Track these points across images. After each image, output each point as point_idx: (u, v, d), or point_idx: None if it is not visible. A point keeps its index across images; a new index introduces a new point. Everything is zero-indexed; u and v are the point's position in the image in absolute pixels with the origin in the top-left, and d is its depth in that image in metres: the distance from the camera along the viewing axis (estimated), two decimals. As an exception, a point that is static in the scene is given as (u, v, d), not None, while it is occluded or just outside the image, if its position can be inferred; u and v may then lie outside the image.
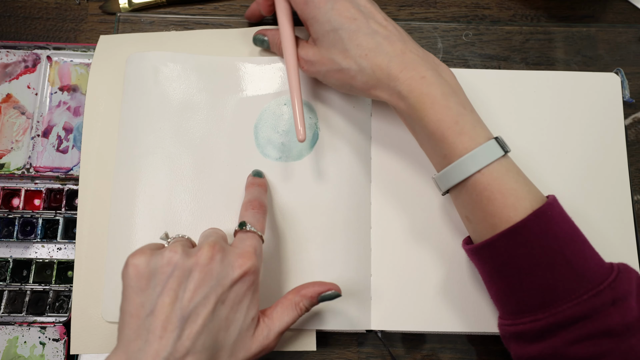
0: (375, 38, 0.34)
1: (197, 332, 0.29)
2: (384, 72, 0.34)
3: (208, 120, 0.42)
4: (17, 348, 0.40)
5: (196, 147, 0.41)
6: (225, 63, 0.43)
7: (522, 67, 0.46)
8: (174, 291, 0.29)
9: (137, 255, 0.30)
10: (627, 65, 0.45)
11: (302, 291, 0.35)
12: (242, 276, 0.31)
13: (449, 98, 0.33)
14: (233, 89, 0.43)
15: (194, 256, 0.30)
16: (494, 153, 0.32)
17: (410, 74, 0.33)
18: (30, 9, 0.48)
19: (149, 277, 0.30)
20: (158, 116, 0.42)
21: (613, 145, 0.42)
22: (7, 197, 0.43)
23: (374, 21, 0.35)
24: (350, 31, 0.34)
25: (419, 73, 0.33)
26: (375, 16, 0.36)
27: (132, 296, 0.30)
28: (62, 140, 0.44)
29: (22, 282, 0.41)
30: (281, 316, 0.33)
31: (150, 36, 0.45)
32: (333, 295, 0.35)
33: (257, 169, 0.41)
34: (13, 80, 0.45)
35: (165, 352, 0.28)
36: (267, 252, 0.40)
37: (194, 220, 0.40)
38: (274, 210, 0.41)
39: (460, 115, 0.32)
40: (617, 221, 0.41)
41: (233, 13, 0.48)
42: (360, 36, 0.34)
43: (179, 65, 0.43)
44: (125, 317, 0.29)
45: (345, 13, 0.35)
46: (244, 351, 0.31)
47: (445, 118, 0.32)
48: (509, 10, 0.48)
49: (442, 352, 0.40)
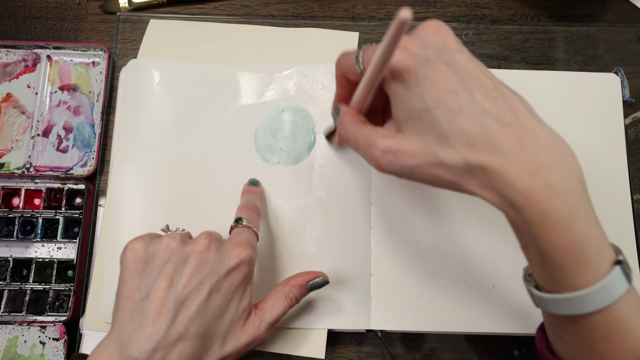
0: (484, 121, 0.25)
1: (191, 317, 0.29)
2: (496, 176, 0.25)
3: (209, 127, 0.42)
4: (17, 347, 0.40)
5: (196, 153, 0.42)
6: (224, 71, 0.44)
7: (522, 66, 0.46)
8: (170, 276, 0.29)
9: (136, 241, 0.31)
10: (627, 65, 0.45)
11: (291, 282, 0.35)
12: (237, 265, 0.31)
13: (576, 213, 0.25)
14: (233, 97, 0.43)
15: (192, 244, 0.31)
16: (619, 289, 0.25)
17: (532, 180, 0.25)
18: (30, 9, 0.48)
19: (146, 262, 0.30)
20: (158, 122, 0.42)
21: (613, 145, 0.42)
22: (7, 197, 0.43)
23: (480, 92, 0.26)
24: (450, 111, 0.26)
25: (542, 179, 0.25)
26: (482, 83, 0.26)
27: (129, 279, 0.30)
28: (62, 140, 0.44)
29: (22, 282, 0.41)
30: (272, 307, 0.33)
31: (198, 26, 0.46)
32: (321, 282, 0.35)
33: (254, 178, 0.41)
34: (13, 80, 0.45)
35: (158, 335, 0.28)
36: (267, 252, 0.40)
37: (194, 224, 0.40)
38: (274, 212, 0.41)
39: (586, 239, 0.25)
40: (617, 221, 0.41)
41: (233, 13, 0.48)
42: (464, 118, 0.25)
43: (178, 72, 0.43)
44: (120, 300, 0.30)
45: (442, 84, 0.26)
46: (234, 341, 0.31)
47: (568, 243, 0.25)
48: (509, 9, 0.48)
49: (441, 352, 0.40)
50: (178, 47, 0.45)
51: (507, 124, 0.25)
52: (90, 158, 0.43)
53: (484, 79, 0.26)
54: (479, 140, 0.25)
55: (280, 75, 0.44)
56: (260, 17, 0.47)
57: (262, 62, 0.44)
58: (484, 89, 0.26)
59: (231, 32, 0.45)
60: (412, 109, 0.27)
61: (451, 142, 0.26)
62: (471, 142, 0.25)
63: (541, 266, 0.27)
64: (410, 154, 0.27)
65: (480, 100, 0.26)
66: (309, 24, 0.46)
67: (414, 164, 0.27)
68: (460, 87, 0.26)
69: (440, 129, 0.26)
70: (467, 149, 0.25)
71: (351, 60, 0.30)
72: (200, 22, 0.46)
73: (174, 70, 0.43)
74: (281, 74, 0.44)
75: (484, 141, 0.25)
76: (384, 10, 0.48)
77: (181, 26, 0.46)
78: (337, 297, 0.39)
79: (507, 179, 0.25)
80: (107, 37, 0.47)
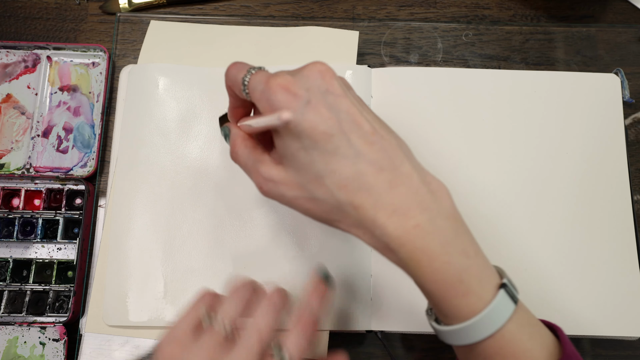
0: (358, 164, 0.26)
1: None
2: (368, 217, 0.26)
3: (209, 129, 0.42)
4: (17, 348, 0.40)
5: (197, 155, 0.42)
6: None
7: (522, 67, 0.46)
8: None
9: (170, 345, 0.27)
10: (627, 65, 0.45)
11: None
12: None
13: (449, 249, 0.26)
14: None
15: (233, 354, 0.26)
16: (506, 311, 0.26)
17: (400, 221, 0.25)
18: (30, 9, 0.48)
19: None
20: (160, 126, 0.42)
21: (613, 146, 0.42)
22: (7, 197, 0.43)
23: (357, 136, 0.26)
24: (326, 153, 0.26)
25: (411, 219, 0.25)
26: (361, 127, 0.26)
27: None
28: (62, 140, 0.44)
29: (22, 282, 0.41)
30: None
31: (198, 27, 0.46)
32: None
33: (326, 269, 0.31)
34: (13, 80, 0.45)
35: None
36: (266, 252, 0.40)
37: (194, 226, 0.40)
38: (274, 212, 0.41)
39: (464, 270, 0.26)
40: (617, 221, 0.41)
41: (233, 13, 0.48)
42: (338, 160, 0.26)
43: (181, 76, 0.43)
44: None
45: (320, 127, 0.26)
46: None
47: (446, 278, 0.26)
48: (509, 10, 0.48)
49: (441, 352, 0.40)
50: (179, 48, 0.45)
51: (381, 168, 0.26)
52: (90, 159, 0.43)
53: (364, 123, 0.26)
54: (351, 183, 0.26)
55: None
56: (260, 17, 0.47)
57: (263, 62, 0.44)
58: (362, 133, 0.26)
59: (231, 32, 0.45)
60: (290, 147, 0.27)
61: (325, 182, 0.26)
62: (343, 184, 0.26)
63: (430, 301, 0.27)
64: (288, 186, 0.28)
65: (357, 144, 0.26)
66: (309, 25, 0.46)
67: (291, 195, 0.28)
68: (338, 131, 0.26)
69: (316, 169, 0.26)
70: (339, 190, 0.26)
71: (238, 79, 0.29)
72: (200, 23, 0.46)
73: (175, 74, 0.43)
74: None
75: (356, 183, 0.26)
76: (384, 10, 0.48)
77: (181, 27, 0.46)
78: (338, 298, 0.39)
79: (378, 222, 0.26)
80: (107, 37, 0.47)
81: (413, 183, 0.26)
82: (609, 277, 0.39)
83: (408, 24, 0.47)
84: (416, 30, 0.47)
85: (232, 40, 0.45)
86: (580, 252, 0.40)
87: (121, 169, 0.41)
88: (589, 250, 0.40)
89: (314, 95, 0.26)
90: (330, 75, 0.27)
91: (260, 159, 0.29)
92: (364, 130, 0.26)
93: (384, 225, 0.26)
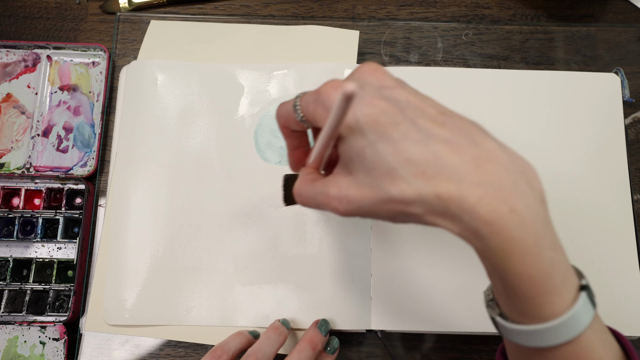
0: (431, 145, 0.23)
1: None
2: (453, 201, 0.23)
3: (208, 126, 0.42)
4: (17, 347, 0.40)
5: (197, 153, 0.42)
6: (224, 70, 0.44)
7: (522, 66, 0.46)
8: None
9: None
10: (627, 65, 0.45)
11: None
12: None
13: (541, 240, 0.23)
14: (233, 96, 0.43)
15: None
16: (587, 315, 0.24)
17: (494, 205, 0.22)
18: (30, 9, 0.48)
19: None
20: (159, 123, 0.42)
21: (613, 145, 0.42)
22: (7, 197, 0.43)
23: (424, 119, 0.24)
24: (394, 142, 0.24)
25: (506, 203, 0.22)
26: (426, 112, 0.24)
27: None
28: (62, 140, 0.44)
29: (22, 282, 0.41)
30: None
31: (198, 26, 0.46)
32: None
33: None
34: (13, 80, 0.45)
35: None
36: (267, 251, 0.40)
37: (194, 224, 0.40)
38: (275, 212, 0.41)
39: (553, 267, 0.23)
40: (617, 221, 0.41)
41: (233, 13, 0.48)
42: (409, 147, 0.23)
43: (179, 72, 0.43)
44: None
45: (382, 118, 0.24)
46: None
47: (534, 274, 0.23)
48: (509, 9, 0.48)
49: (442, 352, 0.40)
50: (178, 47, 0.45)
51: (459, 146, 0.23)
52: (90, 158, 0.43)
53: (427, 108, 0.25)
54: (429, 167, 0.23)
55: (281, 73, 0.43)
56: (260, 17, 0.47)
57: (263, 60, 0.44)
58: (429, 117, 0.24)
59: (231, 31, 0.45)
60: (355, 147, 0.25)
61: (400, 173, 0.23)
62: (420, 170, 0.23)
63: (507, 296, 0.25)
64: (362, 195, 0.25)
65: (426, 126, 0.24)
66: (309, 24, 0.46)
67: (368, 204, 0.25)
68: (402, 118, 0.24)
69: (386, 162, 0.24)
70: (417, 179, 0.23)
71: (289, 110, 0.28)
72: (200, 22, 0.46)
73: (174, 70, 0.43)
74: (281, 72, 0.43)
75: (434, 167, 0.23)
76: (384, 10, 0.48)
77: (181, 27, 0.46)
78: (338, 297, 0.39)
79: (467, 205, 0.22)
80: (107, 37, 0.47)
81: (501, 160, 0.23)
82: (609, 277, 0.39)
83: (408, 24, 0.47)
84: (416, 30, 0.47)
85: (232, 39, 0.45)
86: (580, 251, 0.40)
87: (120, 168, 0.41)
88: (589, 250, 0.40)
89: (369, 91, 0.25)
90: (382, 71, 0.26)
91: (325, 184, 0.27)
92: (430, 114, 0.24)
93: (474, 209, 0.22)
